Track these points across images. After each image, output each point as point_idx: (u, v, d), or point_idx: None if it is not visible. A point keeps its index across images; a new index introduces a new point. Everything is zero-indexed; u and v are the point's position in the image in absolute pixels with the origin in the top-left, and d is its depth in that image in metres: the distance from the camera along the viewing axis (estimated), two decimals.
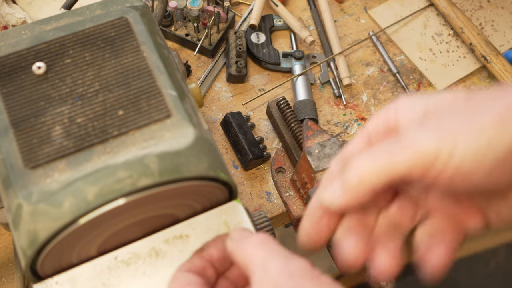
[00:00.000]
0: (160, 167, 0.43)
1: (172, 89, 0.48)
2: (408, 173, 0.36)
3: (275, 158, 0.75)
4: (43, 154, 0.44)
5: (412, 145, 0.36)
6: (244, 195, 0.73)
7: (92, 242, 0.45)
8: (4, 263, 0.66)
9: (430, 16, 0.90)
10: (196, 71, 0.83)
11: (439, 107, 0.38)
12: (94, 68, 0.49)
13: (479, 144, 0.35)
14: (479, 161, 0.35)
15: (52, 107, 0.46)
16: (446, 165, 0.35)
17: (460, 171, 0.35)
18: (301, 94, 0.79)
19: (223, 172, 0.46)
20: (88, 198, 0.42)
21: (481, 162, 0.35)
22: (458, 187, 0.37)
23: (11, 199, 0.43)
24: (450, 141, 0.35)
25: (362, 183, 0.37)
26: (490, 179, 0.35)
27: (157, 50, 0.50)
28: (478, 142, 0.35)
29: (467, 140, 0.35)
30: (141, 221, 0.47)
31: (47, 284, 0.45)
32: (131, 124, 0.46)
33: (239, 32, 0.83)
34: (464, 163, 0.35)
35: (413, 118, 0.39)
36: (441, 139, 0.35)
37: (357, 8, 0.91)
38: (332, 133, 0.79)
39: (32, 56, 0.49)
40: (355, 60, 0.85)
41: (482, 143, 0.35)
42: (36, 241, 0.42)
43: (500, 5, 0.91)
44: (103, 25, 0.51)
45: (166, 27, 0.84)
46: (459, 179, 0.36)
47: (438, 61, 0.85)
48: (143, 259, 0.46)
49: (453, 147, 0.35)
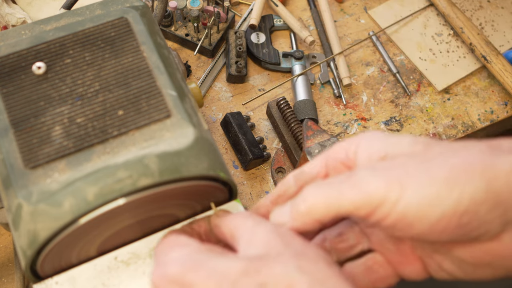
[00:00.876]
0: (160, 167, 0.43)
1: (172, 89, 0.48)
2: (354, 211, 0.37)
3: (275, 158, 0.75)
4: (43, 154, 0.44)
5: (361, 185, 0.37)
6: (244, 195, 0.73)
7: (92, 242, 0.45)
8: (4, 263, 0.66)
9: (430, 16, 0.90)
10: (196, 71, 0.83)
11: (398, 151, 0.39)
12: (94, 68, 0.49)
13: (427, 195, 0.35)
14: (425, 211, 0.35)
15: (52, 107, 0.46)
16: (391, 210, 0.36)
17: (404, 219, 0.36)
18: (301, 94, 0.79)
19: (223, 172, 0.46)
20: (88, 198, 0.42)
21: (426, 213, 0.35)
22: (401, 233, 0.37)
23: (11, 199, 0.43)
24: (399, 187, 0.35)
25: (309, 214, 0.39)
26: (433, 231, 0.36)
27: (157, 50, 0.50)
28: (426, 193, 0.35)
29: (416, 190, 0.35)
30: (141, 221, 0.47)
31: (47, 284, 0.45)
32: (131, 124, 0.46)
33: (239, 32, 0.83)
34: (409, 211, 0.35)
35: (371, 157, 0.39)
36: (390, 184, 0.36)
37: (357, 8, 0.91)
38: (332, 133, 0.79)
39: (32, 56, 0.49)
40: (355, 60, 0.85)
41: (431, 195, 0.35)
42: (36, 241, 0.42)
43: (500, 5, 0.91)
44: (103, 25, 0.51)
45: (166, 27, 0.84)
46: (403, 225, 0.36)
47: (438, 61, 0.85)
48: (143, 259, 0.46)
49: (400, 193, 0.35)
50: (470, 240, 0.37)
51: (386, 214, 0.36)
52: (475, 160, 0.35)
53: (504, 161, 0.35)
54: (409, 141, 0.39)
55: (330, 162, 0.42)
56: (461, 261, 0.38)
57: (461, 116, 0.81)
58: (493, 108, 0.82)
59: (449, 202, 0.35)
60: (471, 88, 0.84)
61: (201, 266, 0.36)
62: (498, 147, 0.37)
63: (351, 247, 0.44)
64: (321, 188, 0.39)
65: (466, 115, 0.81)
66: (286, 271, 0.34)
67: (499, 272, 0.38)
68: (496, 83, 0.84)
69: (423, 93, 0.83)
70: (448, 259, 0.39)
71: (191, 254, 0.38)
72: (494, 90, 0.84)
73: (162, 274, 0.37)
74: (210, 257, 0.37)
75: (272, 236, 0.37)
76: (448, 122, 0.81)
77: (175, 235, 0.42)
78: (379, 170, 0.37)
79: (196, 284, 0.36)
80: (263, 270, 0.34)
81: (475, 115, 0.81)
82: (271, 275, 0.34)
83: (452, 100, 0.83)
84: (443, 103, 0.82)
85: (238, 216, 0.41)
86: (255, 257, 0.36)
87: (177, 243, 0.40)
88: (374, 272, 0.42)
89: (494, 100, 0.83)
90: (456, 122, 0.81)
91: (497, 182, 0.35)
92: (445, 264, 0.39)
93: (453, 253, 0.38)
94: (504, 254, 0.37)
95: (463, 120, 0.81)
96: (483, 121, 0.81)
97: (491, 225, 0.35)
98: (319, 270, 0.34)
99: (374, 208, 0.36)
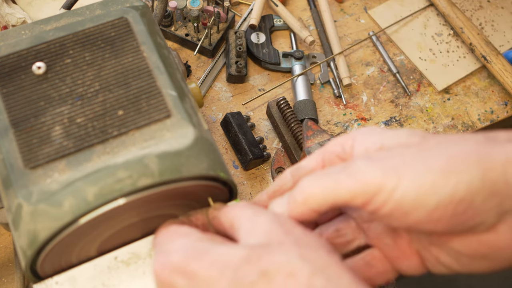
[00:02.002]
0: (160, 167, 0.43)
1: (172, 89, 0.48)
2: (350, 200, 0.37)
3: (275, 158, 0.75)
4: (43, 154, 0.44)
5: (357, 174, 0.37)
6: (244, 195, 0.73)
7: (92, 242, 0.45)
8: (4, 263, 0.66)
9: (430, 16, 0.90)
10: (196, 71, 0.83)
11: (394, 143, 0.39)
12: (94, 68, 0.49)
13: (423, 184, 0.35)
14: (421, 200, 0.35)
15: (52, 107, 0.46)
16: (388, 198, 0.36)
17: (400, 207, 0.36)
18: (301, 94, 0.79)
19: (223, 172, 0.46)
20: (88, 198, 0.42)
21: (423, 201, 0.35)
22: (397, 222, 0.37)
23: (11, 199, 0.43)
24: (396, 176, 0.36)
25: (306, 203, 0.39)
26: (429, 220, 0.36)
27: (157, 50, 0.50)
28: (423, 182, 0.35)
29: (413, 178, 0.35)
30: (141, 221, 0.47)
31: (47, 284, 0.45)
32: (131, 124, 0.46)
33: (239, 32, 0.83)
34: (405, 199, 0.36)
35: (368, 149, 0.40)
36: (387, 173, 0.36)
37: (357, 8, 0.91)
38: (332, 133, 0.79)
39: (32, 56, 0.49)
40: (355, 60, 0.85)
41: (428, 184, 0.35)
42: (36, 241, 0.42)
43: (500, 5, 0.91)
44: (103, 25, 0.51)
45: (166, 27, 0.84)
46: (399, 214, 0.36)
47: (438, 61, 0.85)
48: (143, 259, 0.46)
49: (397, 182, 0.36)
50: (467, 231, 0.37)
51: (383, 203, 0.36)
52: (471, 150, 0.36)
53: (500, 152, 0.35)
54: (406, 133, 0.39)
55: (327, 156, 0.42)
56: (458, 253, 0.38)
57: (461, 116, 0.81)
58: (493, 108, 0.82)
59: (446, 191, 0.35)
60: (471, 88, 0.84)
61: (203, 255, 0.36)
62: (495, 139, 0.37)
63: (348, 242, 0.44)
64: (318, 178, 0.39)
65: (466, 115, 0.81)
66: (287, 258, 0.34)
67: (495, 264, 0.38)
68: (496, 83, 0.84)
69: (423, 93, 0.83)
70: (445, 252, 0.39)
71: (193, 243, 0.38)
72: (494, 90, 0.84)
73: (165, 263, 0.38)
74: (212, 245, 0.37)
75: (273, 225, 0.37)
76: (448, 122, 0.81)
77: (175, 225, 0.42)
78: (376, 159, 0.37)
79: (199, 273, 0.36)
80: (264, 258, 0.35)
81: (475, 115, 0.81)
82: (273, 262, 0.34)
83: (452, 100, 0.83)
84: (443, 103, 0.82)
85: (237, 207, 0.41)
86: (256, 246, 0.36)
87: (178, 233, 0.40)
88: (372, 267, 0.43)
89: (494, 100, 0.83)
90: (456, 122, 0.81)
91: (493, 172, 0.35)
92: (442, 257, 0.39)
93: (450, 245, 0.38)
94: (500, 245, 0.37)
95: (463, 120, 0.81)
96: (483, 121, 0.81)
97: (487, 215, 0.36)
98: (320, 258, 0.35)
99: (371, 196, 0.36)
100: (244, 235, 0.38)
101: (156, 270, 0.38)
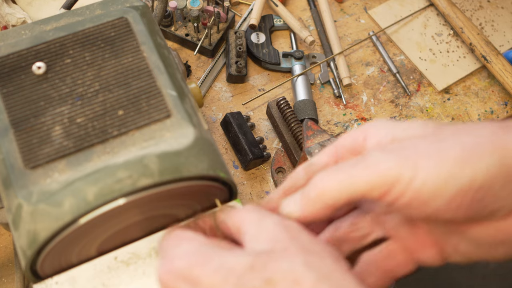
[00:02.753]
0: (160, 167, 0.43)
1: (172, 89, 0.48)
2: (368, 193, 0.37)
3: (275, 158, 0.75)
4: (43, 154, 0.44)
5: (374, 166, 0.37)
6: (244, 195, 0.73)
7: (92, 242, 0.45)
8: (4, 263, 0.66)
9: (430, 16, 0.90)
10: (196, 71, 0.83)
11: (407, 134, 0.39)
12: (94, 68, 0.49)
13: (441, 173, 0.35)
14: (440, 188, 0.35)
15: (52, 107, 0.46)
16: (406, 188, 0.36)
17: (419, 196, 0.36)
18: (301, 94, 0.79)
19: (223, 172, 0.46)
20: (88, 198, 0.42)
21: (441, 189, 0.35)
22: (416, 213, 0.37)
23: (11, 199, 0.43)
24: (412, 166, 0.36)
25: (321, 199, 0.38)
26: (448, 208, 0.36)
27: (157, 50, 0.50)
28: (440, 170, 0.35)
29: (430, 167, 0.35)
30: (141, 221, 0.47)
31: (47, 284, 0.45)
32: (131, 124, 0.46)
33: (239, 32, 0.83)
34: (424, 188, 0.36)
35: (381, 142, 0.39)
36: (404, 163, 0.36)
37: (357, 8, 0.91)
38: (332, 133, 0.79)
39: (32, 56, 0.49)
40: (355, 60, 0.85)
41: (445, 173, 0.35)
42: (36, 241, 0.42)
43: (500, 5, 0.91)
44: (103, 25, 0.51)
45: (166, 27, 0.84)
46: (418, 204, 0.36)
47: (438, 61, 0.85)
48: (143, 259, 0.46)
49: (414, 171, 0.36)
50: (485, 218, 0.37)
51: (401, 193, 0.36)
52: (486, 139, 0.36)
53: None
54: (418, 124, 0.39)
55: (339, 151, 0.42)
56: (477, 241, 0.39)
57: (461, 116, 0.81)
58: (493, 108, 0.82)
59: (465, 178, 0.35)
60: (471, 88, 0.84)
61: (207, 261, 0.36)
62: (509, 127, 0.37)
63: (364, 236, 0.43)
64: (332, 172, 0.38)
65: (466, 115, 0.81)
66: (292, 266, 0.34)
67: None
68: (496, 83, 0.84)
69: (423, 93, 0.83)
70: (464, 240, 0.39)
71: (197, 249, 0.38)
72: (494, 90, 0.84)
73: (169, 269, 0.37)
74: (217, 252, 0.37)
75: (279, 230, 0.37)
76: (448, 122, 0.81)
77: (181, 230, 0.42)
78: (391, 151, 0.37)
79: (203, 279, 0.36)
80: (269, 266, 0.34)
81: (475, 115, 0.81)
82: (277, 270, 0.34)
83: (452, 100, 0.83)
84: (443, 103, 0.82)
85: (244, 210, 0.40)
86: (261, 252, 0.36)
87: (183, 238, 0.40)
88: (392, 259, 0.42)
89: (494, 100, 0.83)
90: (456, 122, 0.81)
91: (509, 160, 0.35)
92: (461, 246, 0.40)
93: (468, 234, 0.39)
94: None
95: (463, 120, 0.81)
96: (483, 121, 0.81)
97: (505, 201, 0.36)
98: (325, 265, 0.34)
99: (389, 187, 0.36)
100: (249, 241, 0.38)
101: (161, 276, 0.38)
